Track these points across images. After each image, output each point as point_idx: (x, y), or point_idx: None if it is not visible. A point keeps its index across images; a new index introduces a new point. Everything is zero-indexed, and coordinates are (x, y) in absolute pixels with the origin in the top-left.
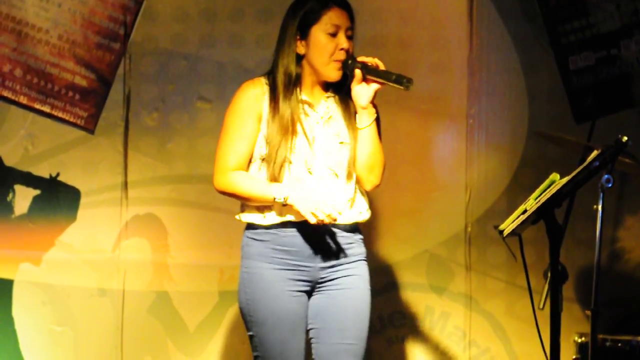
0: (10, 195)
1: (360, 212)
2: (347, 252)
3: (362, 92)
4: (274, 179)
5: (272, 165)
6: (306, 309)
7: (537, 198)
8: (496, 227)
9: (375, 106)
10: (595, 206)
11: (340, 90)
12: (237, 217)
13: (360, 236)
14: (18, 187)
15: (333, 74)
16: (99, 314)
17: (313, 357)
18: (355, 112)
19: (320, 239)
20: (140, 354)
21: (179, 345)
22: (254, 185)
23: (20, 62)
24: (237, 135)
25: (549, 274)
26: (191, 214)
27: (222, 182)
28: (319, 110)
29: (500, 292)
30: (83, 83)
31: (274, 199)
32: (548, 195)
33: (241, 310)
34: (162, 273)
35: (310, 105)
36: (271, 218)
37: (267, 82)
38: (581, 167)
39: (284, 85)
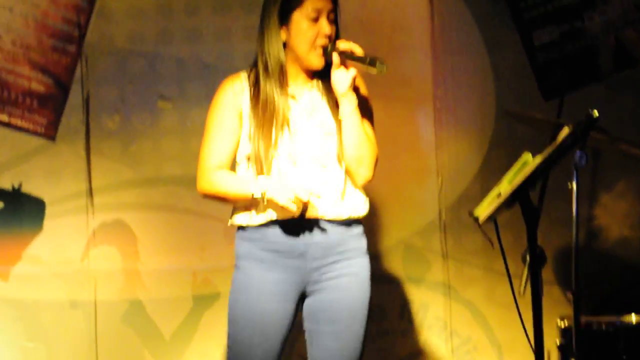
0: None
1: (355, 208)
2: (342, 248)
3: (341, 78)
4: (260, 174)
5: (257, 161)
6: (288, 315)
7: (510, 181)
8: (471, 213)
9: (362, 94)
10: (569, 184)
11: (326, 77)
12: (229, 223)
13: (358, 230)
14: None
15: (316, 61)
16: (71, 327)
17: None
18: None
19: (311, 237)
20: None
21: (156, 354)
22: (233, 183)
23: None
24: (217, 135)
25: (528, 258)
26: (160, 218)
27: (204, 185)
28: (301, 102)
29: (479, 279)
30: (40, 89)
31: (252, 195)
32: (522, 177)
33: (228, 309)
34: (133, 281)
35: (292, 97)
36: (260, 217)
37: (247, 76)
38: (553, 146)
39: (277, 75)
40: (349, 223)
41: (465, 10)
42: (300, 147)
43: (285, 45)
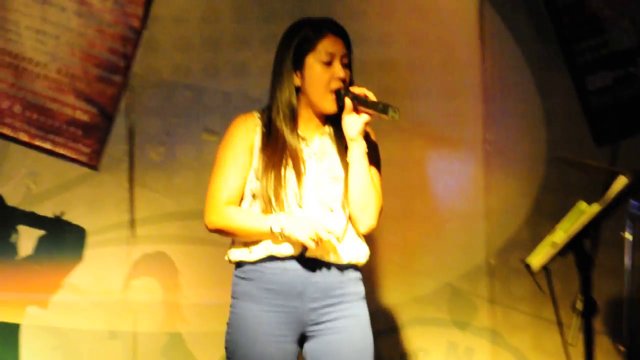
0: (14, 236)
1: (356, 254)
2: (340, 291)
3: (352, 123)
4: (267, 211)
5: (264, 200)
6: (289, 356)
7: (566, 230)
8: (522, 261)
9: (372, 141)
10: (622, 233)
11: (338, 125)
12: (225, 257)
13: (357, 274)
14: (21, 228)
15: (329, 105)
16: (110, 358)
17: None
18: None
19: (310, 277)
20: None
21: None
22: (249, 218)
23: (18, 97)
24: (229, 170)
25: (579, 307)
26: (201, 251)
27: (214, 219)
28: (312, 146)
29: (526, 326)
30: (84, 118)
31: (271, 229)
32: (579, 226)
33: (225, 348)
34: (174, 313)
35: (304, 139)
36: (258, 252)
37: (260, 116)
38: (610, 195)
39: (288, 120)
40: (348, 266)
41: (517, 52)
42: (308, 189)
43: (299, 89)
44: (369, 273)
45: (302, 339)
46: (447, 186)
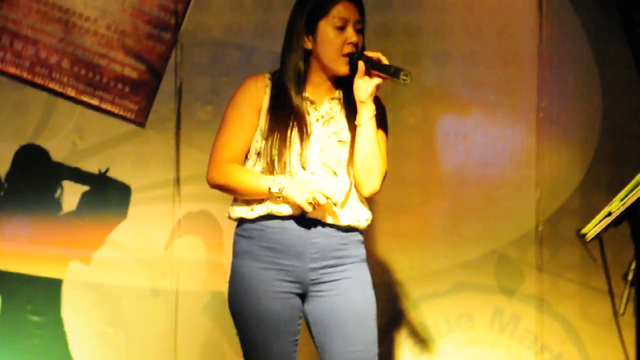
0: (59, 191)
1: (357, 217)
2: (340, 253)
3: (363, 86)
4: (268, 173)
5: (267, 160)
6: (295, 311)
7: (623, 199)
8: (579, 231)
9: (381, 105)
10: None
11: (349, 90)
12: (227, 215)
13: (359, 237)
14: (66, 183)
15: (342, 68)
16: (152, 315)
17: None
18: None
19: (310, 237)
20: (195, 357)
21: (235, 347)
22: (249, 177)
23: (67, 52)
24: (235, 128)
25: (630, 277)
26: None
27: (215, 175)
28: (321, 110)
29: (573, 295)
30: (133, 75)
31: (269, 189)
32: (635, 196)
33: (229, 309)
34: (217, 273)
35: (313, 103)
36: (258, 210)
37: (270, 77)
38: None
39: (293, 83)
40: (349, 229)
41: (576, 20)
42: (312, 151)
43: (311, 53)
44: (415, 238)
45: (304, 300)
46: (498, 153)
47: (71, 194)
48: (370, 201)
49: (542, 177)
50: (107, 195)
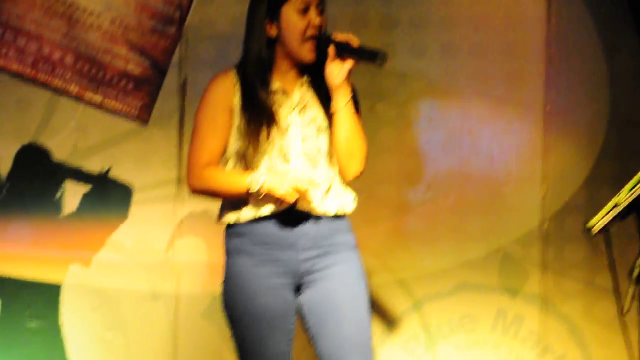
0: (60, 192)
1: (343, 204)
2: (330, 241)
3: (335, 71)
4: (248, 170)
5: (247, 157)
6: (290, 306)
7: (631, 190)
8: (584, 225)
9: (353, 90)
10: None
11: (317, 73)
12: (216, 222)
13: (346, 224)
14: (67, 184)
15: (308, 54)
16: (151, 318)
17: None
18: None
19: (300, 228)
20: None
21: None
22: (228, 178)
23: (71, 48)
24: (208, 132)
25: (635, 274)
26: None
27: (194, 182)
28: (294, 98)
29: (577, 294)
30: (136, 71)
31: (248, 189)
32: None
33: (223, 308)
34: (218, 275)
35: (284, 92)
36: (247, 213)
37: (237, 73)
38: None
39: (256, 74)
40: (336, 217)
41: (584, 12)
42: (291, 143)
43: (276, 40)
44: (418, 236)
45: (298, 292)
46: (504, 147)
47: (72, 194)
48: (372, 199)
49: (548, 173)
50: (108, 195)
